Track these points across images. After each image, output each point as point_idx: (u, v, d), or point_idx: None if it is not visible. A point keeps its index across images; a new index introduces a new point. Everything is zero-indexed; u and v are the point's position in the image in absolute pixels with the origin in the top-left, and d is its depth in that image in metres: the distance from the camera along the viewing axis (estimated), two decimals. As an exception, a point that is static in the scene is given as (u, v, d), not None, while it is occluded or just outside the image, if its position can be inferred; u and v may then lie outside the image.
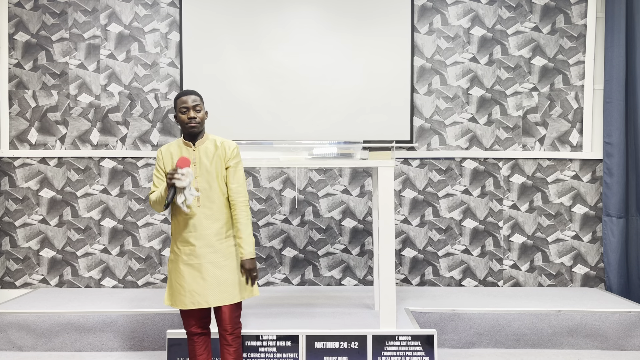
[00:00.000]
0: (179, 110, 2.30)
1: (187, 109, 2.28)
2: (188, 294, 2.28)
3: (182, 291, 2.28)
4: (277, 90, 4.03)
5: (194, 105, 2.28)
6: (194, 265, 2.29)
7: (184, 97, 2.29)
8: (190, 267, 2.29)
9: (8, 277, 4.07)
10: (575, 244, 4.07)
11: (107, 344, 3.26)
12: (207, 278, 2.27)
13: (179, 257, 2.31)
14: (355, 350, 2.85)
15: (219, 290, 2.28)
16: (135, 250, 4.08)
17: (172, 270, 2.34)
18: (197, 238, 2.29)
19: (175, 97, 2.33)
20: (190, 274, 2.28)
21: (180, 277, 2.29)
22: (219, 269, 2.29)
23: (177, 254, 2.33)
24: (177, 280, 2.31)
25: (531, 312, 3.28)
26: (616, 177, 3.88)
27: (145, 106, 4.07)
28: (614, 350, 3.25)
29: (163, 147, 2.38)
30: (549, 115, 4.08)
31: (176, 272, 2.32)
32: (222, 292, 2.29)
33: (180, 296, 2.29)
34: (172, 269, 2.35)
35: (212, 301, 2.27)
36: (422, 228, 4.10)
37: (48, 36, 4.06)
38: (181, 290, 2.29)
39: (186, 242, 2.30)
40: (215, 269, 2.29)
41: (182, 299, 2.29)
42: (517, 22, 4.07)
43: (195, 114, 2.28)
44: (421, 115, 4.08)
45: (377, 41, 4.04)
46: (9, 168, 4.07)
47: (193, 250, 2.29)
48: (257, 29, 4.04)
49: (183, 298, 2.28)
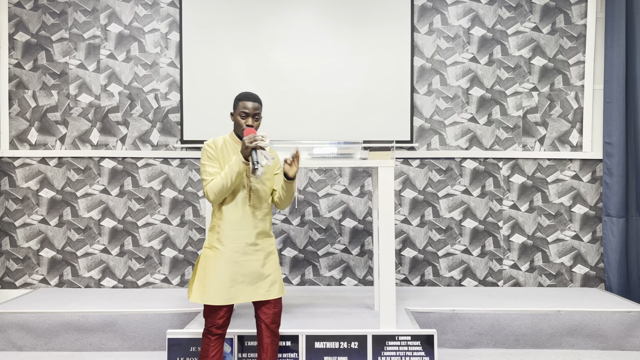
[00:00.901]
0: (238, 113, 2.31)
1: (246, 114, 2.31)
2: (228, 290, 2.28)
3: (223, 287, 2.28)
4: (277, 90, 4.03)
5: (254, 113, 2.32)
6: (240, 262, 2.31)
7: (247, 102, 2.30)
8: (235, 264, 2.30)
9: (8, 277, 4.07)
10: (575, 244, 4.08)
11: (107, 344, 3.26)
12: (249, 275, 2.32)
13: (222, 253, 2.30)
14: (355, 350, 2.85)
15: (259, 286, 2.34)
16: (135, 250, 4.08)
17: (211, 266, 2.31)
18: (246, 236, 2.33)
19: (238, 97, 2.33)
20: (234, 271, 2.30)
21: (222, 273, 2.29)
22: (260, 266, 2.35)
23: (219, 250, 2.31)
24: (216, 276, 2.29)
25: (531, 312, 3.28)
26: (616, 177, 3.88)
27: (145, 106, 4.07)
28: (614, 350, 3.25)
29: (210, 141, 2.35)
30: (549, 115, 4.08)
31: (217, 268, 2.30)
32: (260, 287, 2.35)
33: (219, 292, 2.28)
34: (210, 265, 2.31)
35: (253, 296, 2.33)
36: (422, 228, 4.10)
37: (48, 36, 4.06)
38: (221, 286, 2.28)
39: (234, 238, 2.32)
40: (259, 266, 2.35)
41: (221, 295, 2.28)
42: (517, 22, 4.07)
43: (253, 122, 2.31)
44: (421, 115, 4.08)
45: (377, 41, 4.04)
46: (9, 168, 4.07)
47: (241, 248, 2.32)
48: (257, 29, 4.04)
49: (222, 294, 2.28)
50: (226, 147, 2.36)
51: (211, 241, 2.35)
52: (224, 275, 2.29)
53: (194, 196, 4.08)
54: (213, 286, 2.29)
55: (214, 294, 2.28)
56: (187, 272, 4.08)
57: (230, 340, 2.86)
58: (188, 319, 3.28)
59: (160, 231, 4.08)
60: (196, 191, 4.08)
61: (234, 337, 2.86)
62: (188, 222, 4.08)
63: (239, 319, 3.20)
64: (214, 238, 2.34)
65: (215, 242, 2.33)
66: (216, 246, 2.32)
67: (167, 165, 4.08)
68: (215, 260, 2.31)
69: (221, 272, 2.29)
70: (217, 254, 2.31)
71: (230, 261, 2.30)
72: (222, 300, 2.28)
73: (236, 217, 2.32)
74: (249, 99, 2.31)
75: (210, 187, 2.26)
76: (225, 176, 2.23)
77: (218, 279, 2.29)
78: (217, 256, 2.31)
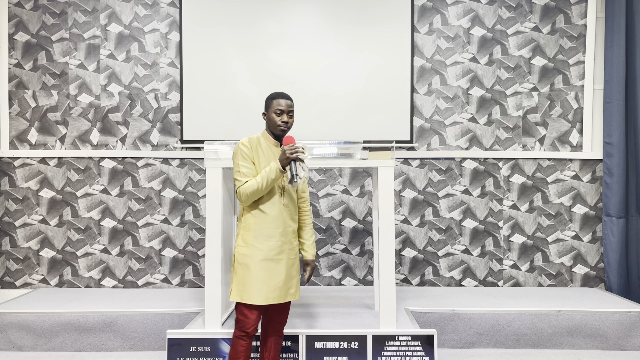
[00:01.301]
0: (273, 111, 2.36)
1: (282, 112, 2.36)
2: (265, 289, 2.30)
3: (261, 286, 2.29)
4: (277, 89, 4.03)
5: (288, 110, 2.37)
6: (275, 260, 2.33)
7: (281, 99, 2.36)
8: (272, 262, 2.32)
9: (8, 277, 4.07)
10: (575, 244, 4.07)
11: (107, 344, 3.26)
12: (284, 274, 2.35)
13: (259, 251, 2.32)
14: (355, 350, 2.85)
15: (289, 286, 2.38)
16: (135, 250, 4.08)
17: (248, 264, 2.32)
18: (282, 234, 2.36)
19: (271, 96, 2.38)
20: (271, 269, 2.32)
21: (261, 272, 2.30)
22: (290, 266, 2.39)
23: (256, 248, 2.32)
24: (255, 275, 2.30)
25: (531, 312, 3.28)
26: (616, 177, 3.88)
27: (145, 106, 4.07)
28: (614, 350, 3.25)
29: (244, 140, 2.37)
30: (549, 115, 4.08)
31: (255, 267, 2.31)
32: (291, 288, 2.39)
33: (257, 291, 2.29)
34: (247, 264, 2.32)
35: (285, 297, 2.35)
36: (422, 228, 4.10)
37: (48, 36, 4.06)
38: (259, 285, 2.29)
39: (271, 237, 2.34)
40: (289, 266, 2.38)
41: (259, 294, 2.29)
42: (517, 22, 4.07)
43: (288, 119, 2.37)
44: (421, 115, 4.08)
45: (377, 41, 4.04)
46: (9, 168, 4.07)
47: (278, 246, 2.34)
48: (257, 29, 4.04)
49: (260, 293, 2.29)
50: (260, 147, 2.38)
51: (246, 239, 2.35)
52: (262, 274, 2.30)
53: (194, 196, 4.08)
54: (251, 285, 2.29)
55: (251, 293, 2.29)
56: (187, 272, 4.08)
57: (230, 340, 2.86)
58: (188, 319, 3.28)
59: (160, 231, 4.08)
60: (196, 191, 4.08)
61: (234, 337, 2.86)
62: (188, 222, 4.08)
63: (239, 319, 3.20)
64: (249, 236, 2.34)
65: (252, 240, 2.33)
66: (252, 244, 2.33)
67: (167, 165, 4.08)
68: (249, 259, 2.32)
69: (260, 270, 2.31)
70: (254, 252, 2.32)
71: (267, 259, 2.32)
72: (261, 300, 2.29)
73: (273, 215, 2.35)
74: (283, 97, 2.37)
75: (244, 190, 2.28)
76: (261, 181, 2.26)
77: (257, 277, 2.30)
78: (253, 255, 2.32)
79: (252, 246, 2.33)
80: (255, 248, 2.32)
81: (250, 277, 2.30)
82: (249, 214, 2.36)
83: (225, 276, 3.07)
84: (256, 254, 2.31)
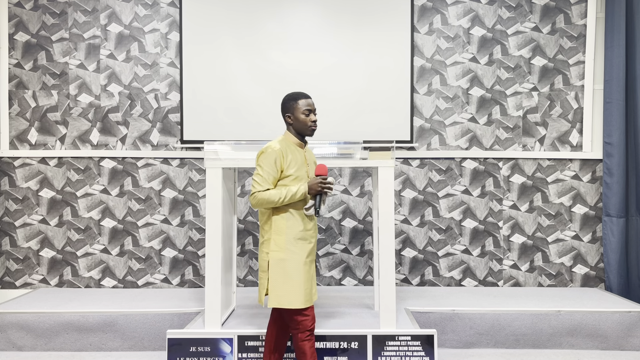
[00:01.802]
0: (301, 111, 2.34)
1: (310, 111, 2.36)
2: (309, 290, 2.33)
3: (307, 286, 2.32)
4: (277, 90, 4.03)
5: (314, 109, 2.38)
6: (309, 263, 2.36)
7: (307, 99, 2.37)
8: (308, 265, 2.35)
9: (8, 277, 4.07)
10: (575, 244, 4.07)
11: (107, 344, 3.26)
12: (314, 274, 2.40)
13: (296, 255, 2.32)
14: (355, 350, 2.85)
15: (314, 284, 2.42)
16: (135, 250, 4.08)
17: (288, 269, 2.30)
18: (313, 236, 2.41)
19: (293, 97, 2.36)
20: (308, 271, 2.35)
21: (303, 275, 2.32)
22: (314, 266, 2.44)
23: (293, 252, 2.32)
24: (298, 279, 2.31)
25: (531, 312, 3.28)
26: (616, 177, 3.88)
27: (145, 106, 4.07)
28: (614, 350, 3.25)
29: (276, 145, 2.32)
30: (549, 115, 4.08)
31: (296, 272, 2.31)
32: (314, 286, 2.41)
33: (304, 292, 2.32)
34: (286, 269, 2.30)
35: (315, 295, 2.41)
36: (422, 228, 4.10)
37: (48, 36, 4.06)
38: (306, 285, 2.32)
39: (305, 239, 2.35)
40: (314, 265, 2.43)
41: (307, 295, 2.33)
42: (517, 22, 4.07)
43: (315, 117, 2.38)
44: (421, 115, 4.08)
45: (377, 41, 4.04)
46: (9, 168, 4.07)
47: (311, 248, 2.37)
48: (257, 29, 4.04)
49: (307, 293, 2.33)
50: (290, 151, 2.36)
51: (280, 243, 2.32)
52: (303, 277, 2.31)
53: (194, 196, 4.08)
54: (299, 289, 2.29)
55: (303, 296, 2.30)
56: (187, 272, 4.08)
57: (230, 340, 2.86)
58: (188, 319, 3.28)
59: (160, 231, 4.08)
60: (196, 191, 4.08)
61: (234, 337, 2.86)
62: (188, 222, 4.08)
63: (238, 318, 3.20)
64: (283, 240, 2.31)
65: (288, 244, 2.31)
66: (288, 248, 2.31)
67: (167, 165, 4.08)
68: (291, 262, 2.31)
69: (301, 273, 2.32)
70: (291, 256, 2.31)
71: (304, 263, 2.33)
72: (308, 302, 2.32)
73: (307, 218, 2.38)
74: (307, 97, 2.37)
75: (262, 197, 2.27)
76: (284, 198, 2.27)
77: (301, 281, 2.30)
78: (292, 258, 2.31)
79: (287, 250, 2.31)
80: (291, 252, 2.31)
81: (293, 282, 2.29)
82: (279, 217, 2.33)
83: (225, 276, 3.07)
84: (293, 257, 2.31)
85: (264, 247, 2.37)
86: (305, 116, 2.35)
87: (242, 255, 4.10)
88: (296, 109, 2.35)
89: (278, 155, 2.30)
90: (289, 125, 2.40)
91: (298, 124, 2.37)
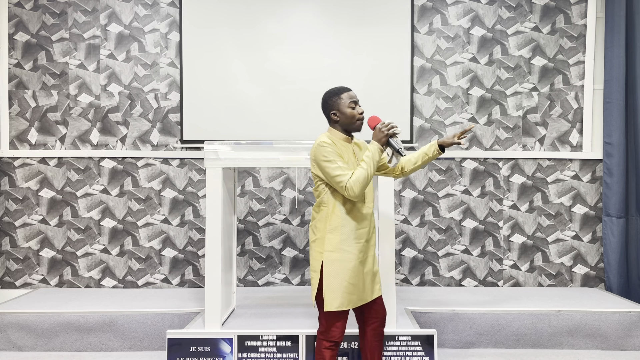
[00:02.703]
0: (347, 105, 2.23)
1: (355, 103, 2.25)
2: (357, 294, 2.21)
3: (353, 290, 2.20)
4: (277, 89, 4.03)
5: (358, 100, 2.29)
6: (363, 261, 2.24)
7: (350, 92, 2.26)
8: (361, 264, 2.23)
9: (8, 277, 4.07)
10: (575, 244, 4.07)
11: (107, 344, 3.26)
12: (370, 272, 2.28)
13: (350, 255, 2.20)
14: (356, 350, 2.85)
15: (374, 281, 2.31)
16: (135, 250, 4.08)
17: (339, 270, 2.20)
18: (368, 233, 2.28)
19: (335, 92, 2.26)
20: (361, 271, 2.23)
21: (353, 275, 2.20)
22: (373, 262, 2.32)
23: (347, 252, 2.20)
24: (349, 280, 2.19)
25: (531, 312, 3.28)
26: (616, 177, 3.88)
27: (145, 106, 4.07)
28: (614, 350, 3.25)
29: (325, 138, 2.22)
30: (549, 115, 4.08)
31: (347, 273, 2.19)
32: (376, 283, 2.32)
33: (350, 295, 2.19)
34: (338, 270, 2.20)
35: (372, 295, 2.28)
36: (422, 228, 4.10)
37: (48, 36, 4.06)
38: (351, 289, 2.20)
39: (360, 237, 2.24)
40: (373, 262, 2.32)
41: (351, 298, 2.20)
42: (517, 22, 4.07)
43: (362, 109, 2.28)
44: (421, 115, 4.08)
45: (377, 41, 4.04)
46: (9, 168, 4.07)
47: (365, 246, 2.26)
48: (257, 29, 4.04)
49: (352, 297, 2.20)
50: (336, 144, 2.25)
51: (334, 243, 2.21)
52: (353, 279, 2.20)
53: (194, 196, 4.08)
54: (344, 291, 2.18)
55: (345, 299, 2.18)
56: (187, 272, 4.08)
57: (230, 340, 2.86)
58: (188, 319, 3.28)
59: (160, 231, 4.08)
60: (196, 191, 4.08)
61: (234, 337, 2.86)
62: (188, 222, 4.08)
63: (238, 318, 3.20)
64: (337, 240, 2.21)
65: (342, 244, 2.20)
66: (343, 248, 2.20)
67: (167, 165, 4.08)
68: (345, 263, 2.20)
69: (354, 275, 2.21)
70: (346, 256, 2.20)
71: (358, 261, 2.22)
72: (351, 303, 2.20)
73: (359, 215, 2.24)
74: (348, 89, 2.27)
75: (355, 181, 2.12)
76: (368, 167, 2.14)
77: (350, 283, 2.19)
78: (347, 258, 2.20)
79: (342, 250, 2.20)
80: (346, 252, 2.20)
81: (341, 284, 2.19)
82: (335, 217, 2.22)
83: (225, 276, 3.07)
84: (348, 257, 2.20)
85: (316, 246, 2.26)
86: (351, 109, 2.23)
87: (242, 255, 4.10)
88: (341, 104, 2.24)
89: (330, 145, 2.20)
90: (334, 123, 2.29)
91: (345, 119, 2.24)
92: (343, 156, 2.22)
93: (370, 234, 2.30)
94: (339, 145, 2.25)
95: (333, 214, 2.22)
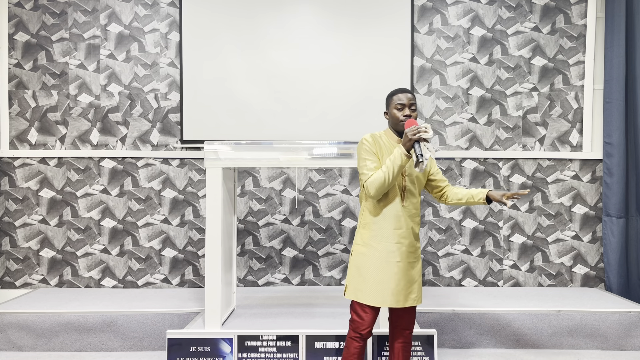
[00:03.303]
0: (394, 106, 2.25)
1: (402, 105, 2.24)
2: (381, 292, 2.21)
3: (376, 287, 2.21)
4: (277, 90, 4.03)
5: (410, 103, 2.25)
6: (393, 264, 2.22)
7: (400, 94, 2.26)
8: (389, 265, 2.22)
9: (8, 277, 4.07)
10: (575, 244, 4.07)
11: (107, 344, 3.26)
12: (403, 278, 2.24)
13: (376, 251, 2.23)
14: (355, 350, 2.85)
15: (410, 290, 2.27)
16: (135, 250, 4.08)
17: (364, 264, 2.25)
18: (403, 236, 2.25)
19: (390, 93, 2.29)
20: (388, 272, 2.22)
21: (377, 273, 2.22)
22: (412, 269, 2.28)
23: (373, 249, 2.24)
24: (371, 276, 2.22)
25: (531, 312, 3.28)
26: (616, 177, 3.88)
27: (145, 106, 4.07)
28: (614, 350, 3.25)
29: (367, 135, 2.27)
30: (549, 115, 4.08)
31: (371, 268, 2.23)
32: (412, 292, 2.27)
33: (371, 292, 2.22)
34: (363, 263, 2.25)
35: (405, 301, 2.25)
36: (422, 228, 4.10)
37: (48, 36, 4.06)
38: (375, 287, 2.21)
39: (390, 239, 2.23)
40: (410, 269, 2.28)
41: (374, 295, 2.22)
42: (517, 22, 4.07)
43: (410, 112, 2.25)
44: (421, 116, 4.08)
45: (377, 41, 4.04)
46: (9, 168, 4.07)
47: (397, 249, 2.23)
48: (257, 29, 4.04)
49: (375, 294, 2.22)
50: (383, 143, 2.28)
51: (365, 239, 2.27)
52: (378, 276, 2.22)
53: (194, 196, 4.08)
54: (367, 285, 2.22)
55: (366, 294, 2.22)
56: (187, 272, 4.08)
57: (230, 340, 2.86)
58: (188, 319, 3.29)
59: (160, 231, 4.08)
60: (196, 191, 4.08)
61: (234, 337, 2.86)
62: (188, 222, 4.08)
63: (238, 318, 3.20)
64: (368, 235, 2.26)
65: (371, 240, 2.25)
66: (370, 244, 2.25)
67: (167, 165, 4.08)
68: (369, 258, 2.24)
69: (378, 272, 2.22)
70: (371, 251, 2.24)
71: (386, 261, 2.22)
72: (374, 301, 2.22)
73: (393, 215, 2.24)
74: (403, 92, 2.26)
75: (371, 182, 2.17)
76: (387, 170, 2.15)
77: (373, 279, 2.22)
78: (372, 254, 2.24)
79: (369, 246, 2.25)
80: (372, 248, 2.24)
81: (365, 277, 2.23)
82: (368, 212, 2.28)
83: (225, 276, 3.07)
84: (373, 254, 2.23)
85: (355, 238, 2.34)
86: (397, 111, 2.24)
87: (242, 255, 4.10)
88: (391, 105, 2.27)
89: (369, 142, 2.25)
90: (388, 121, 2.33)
91: (392, 119, 2.27)
92: (384, 154, 2.26)
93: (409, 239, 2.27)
94: (386, 144, 2.28)
95: (366, 210, 2.30)
